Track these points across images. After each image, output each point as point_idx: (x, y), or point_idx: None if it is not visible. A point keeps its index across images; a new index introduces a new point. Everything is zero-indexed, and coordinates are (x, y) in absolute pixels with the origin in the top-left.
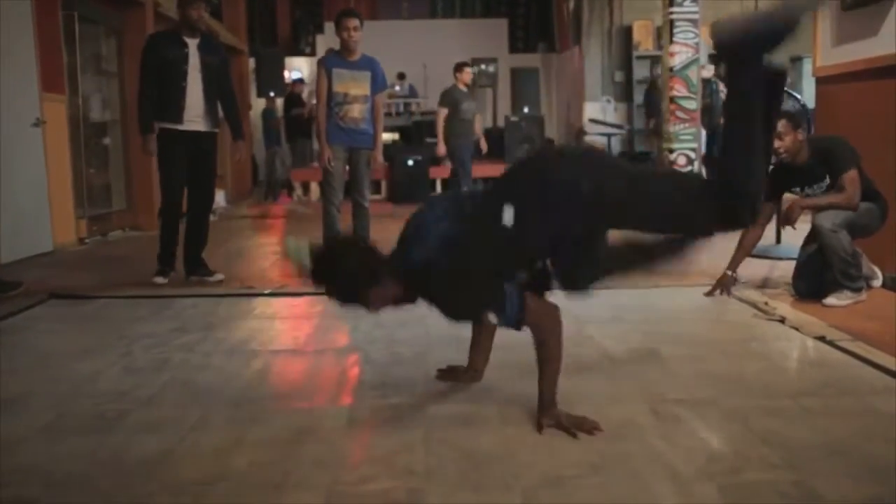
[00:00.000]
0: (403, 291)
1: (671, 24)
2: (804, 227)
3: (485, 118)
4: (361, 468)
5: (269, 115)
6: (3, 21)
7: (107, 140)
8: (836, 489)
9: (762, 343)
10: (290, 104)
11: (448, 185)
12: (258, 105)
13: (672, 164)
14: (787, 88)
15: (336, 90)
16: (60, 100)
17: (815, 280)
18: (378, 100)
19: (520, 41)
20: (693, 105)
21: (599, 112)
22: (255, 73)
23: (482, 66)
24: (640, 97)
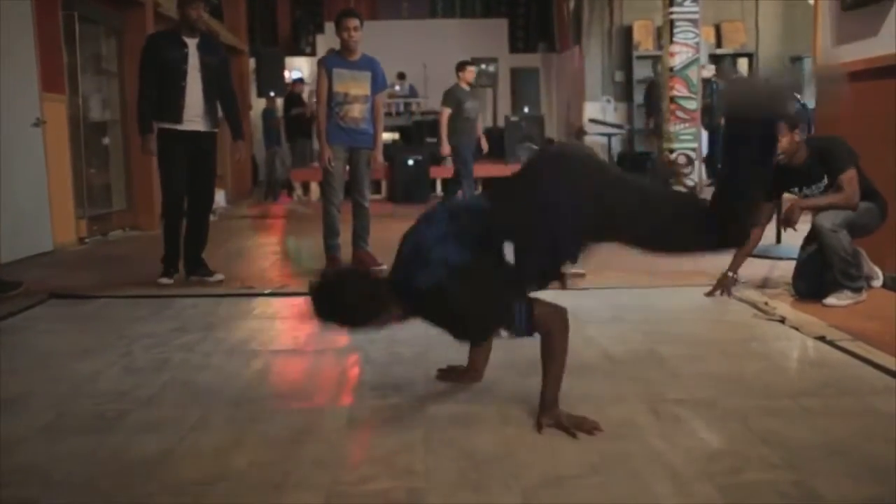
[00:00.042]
0: (404, 312)
1: (671, 24)
2: (804, 227)
3: (485, 118)
4: (361, 468)
5: (270, 115)
6: (4, 21)
7: (107, 140)
8: (836, 489)
9: (762, 343)
10: (290, 104)
11: (449, 185)
12: (258, 105)
13: (672, 165)
14: None
15: (336, 90)
16: (60, 100)
17: (816, 280)
18: (378, 100)
19: (520, 41)
20: (693, 105)
21: (599, 112)
22: (256, 73)
23: (482, 66)
24: (640, 97)
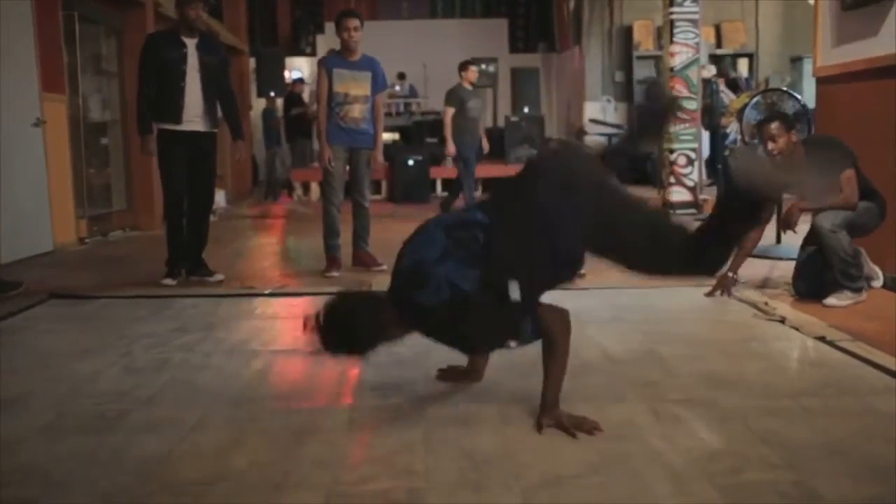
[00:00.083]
0: (406, 328)
1: (671, 24)
2: (804, 227)
3: (485, 118)
4: (361, 468)
5: (270, 116)
6: (4, 21)
7: (107, 140)
8: (836, 489)
9: (762, 343)
10: (290, 104)
11: (453, 186)
12: (258, 105)
13: (673, 165)
14: (787, 89)
15: (336, 90)
16: (61, 100)
17: (816, 280)
18: (378, 100)
19: (520, 41)
20: (693, 105)
21: (600, 112)
22: (256, 73)
23: (482, 66)
24: (640, 97)
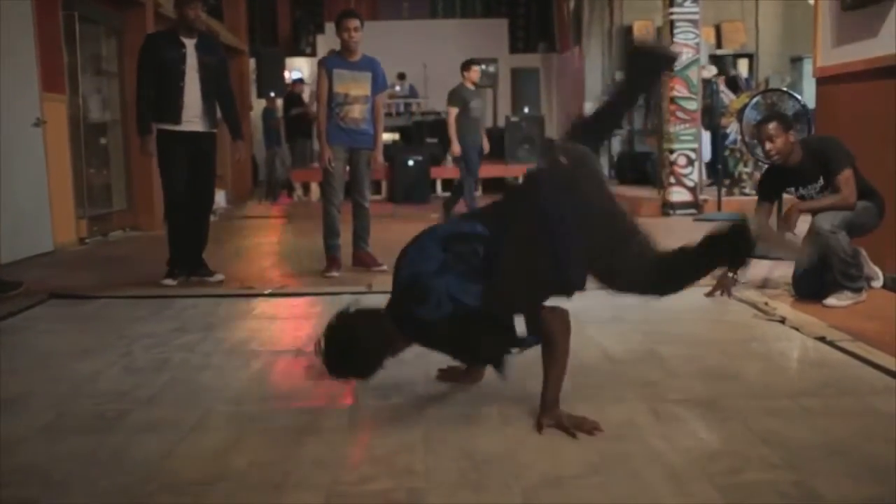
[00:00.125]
0: (406, 342)
1: (671, 25)
2: (803, 227)
3: (485, 118)
4: (361, 468)
5: (270, 116)
6: (4, 21)
7: (107, 140)
8: (836, 489)
9: (762, 343)
10: (290, 104)
11: (455, 188)
12: (258, 105)
13: (673, 165)
14: (787, 89)
15: (337, 91)
16: (61, 100)
17: (816, 280)
18: (379, 100)
19: (520, 41)
20: (693, 105)
21: None
22: (256, 74)
23: (482, 66)
24: (640, 97)
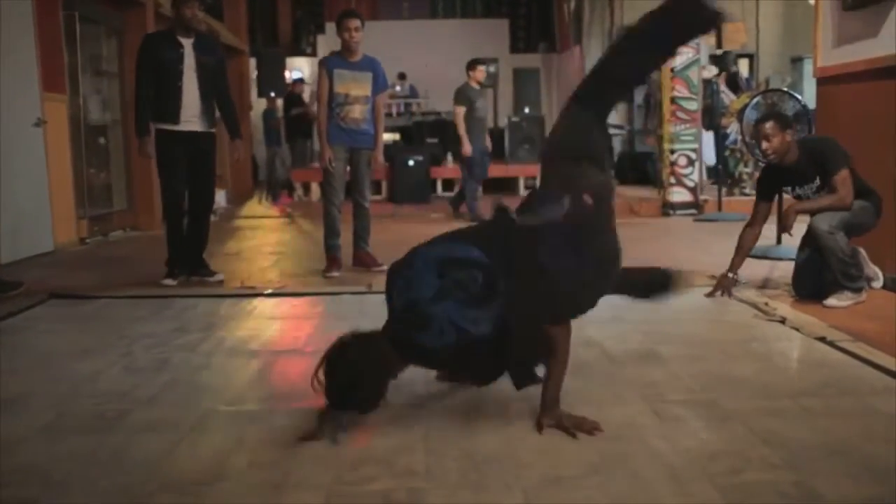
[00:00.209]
0: (405, 365)
1: None
2: (801, 227)
3: (488, 118)
4: (361, 468)
5: (270, 116)
6: (4, 21)
7: (107, 140)
8: (836, 489)
9: (762, 343)
10: (290, 104)
11: (458, 190)
12: (259, 105)
13: (674, 165)
14: (788, 89)
15: (337, 91)
16: (61, 99)
17: (815, 281)
18: (379, 100)
19: (521, 41)
20: (694, 106)
21: None
22: (256, 74)
23: (487, 66)
24: (640, 97)
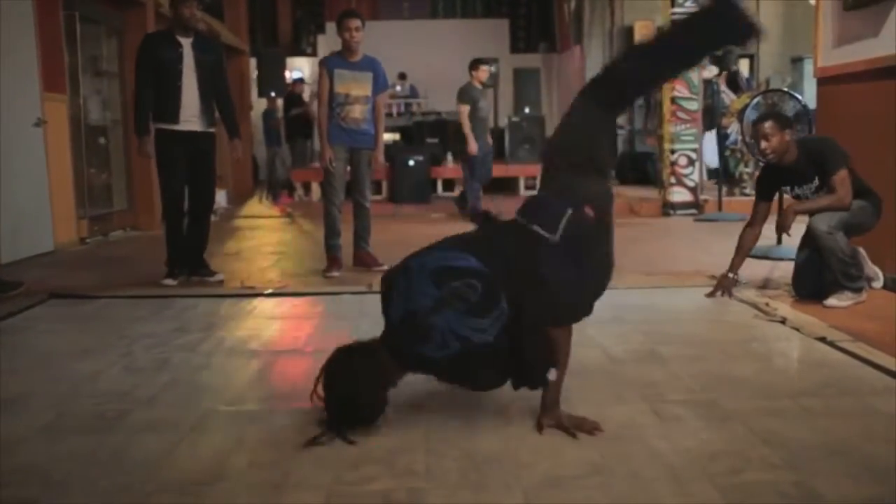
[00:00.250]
0: (403, 374)
1: None
2: (802, 228)
3: (490, 118)
4: (361, 468)
5: (270, 116)
6: (5, 21)
7: (108, 140)
8: (837, 489)
9: (763, 343)
10: (290, 104)
11: (461, 191)
12: (259, 105)
13: (674, 165)
14: (788, 89)
15: (337, 91)
16: (61, 99)
17: (815, 281)
18: (379, 100)
19: (521, 41)
20: (694, 106)
21: None
22: (257, 74)
23: (490, 66)
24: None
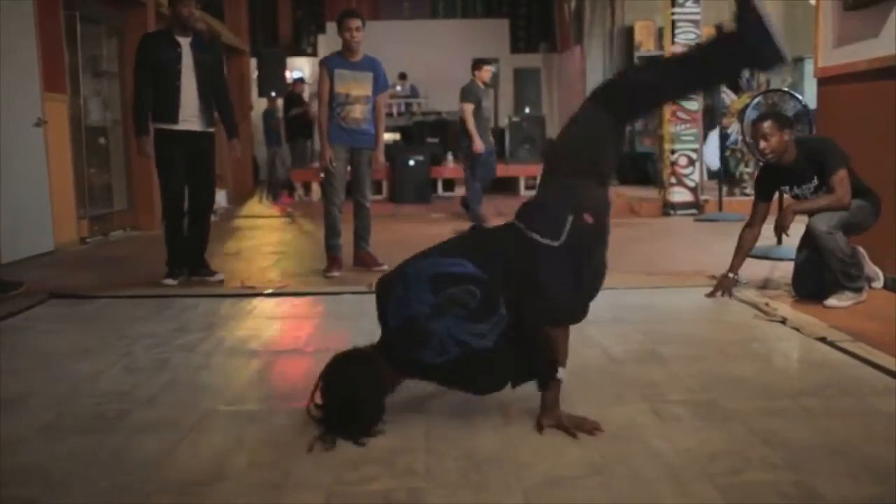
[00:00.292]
0: (401, 379)
1: (673, 25)
2: (801, 228)
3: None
4: (361, 468)
5: (270, 116)
6: (5, 21)
7: (108, 140)
8: (837, 489)
9: (763, 344)
10: (290, 104)
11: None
12: (259, 105)
13: (674, 165)
14: (788, 89)
15: (338, 91)
16: (62, 99)
17: (815, 281)
18: (380, 100)
19: (521, 41)
20: (694, 106)
21: None
22: (257, 74)
23: (492, 67)
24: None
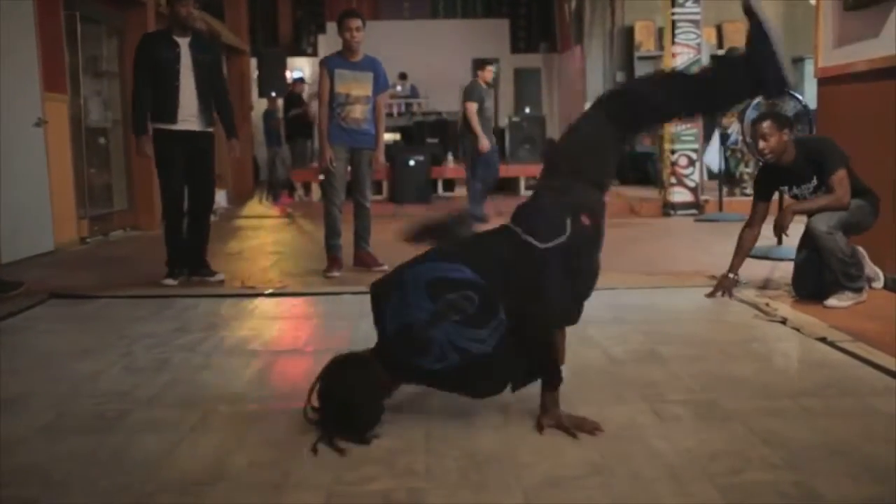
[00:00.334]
0: (398, 384)
1: (673, 25)
2: (800, 228)
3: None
4: (361, 468)
5: (270, 116)
6: (5, 21)
7: (108, 140)
8: (837, 489)
9: (763, 344)
10: (290, 104)
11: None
12: (260, 105)
13: (674, 165)
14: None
15: (338, 91)
16: (62, 99)
17: (815, 281)
18: (380, 100)
19: (521, 41)
20: None
21: None
22: (257, 74)
23: (494, 67)
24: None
